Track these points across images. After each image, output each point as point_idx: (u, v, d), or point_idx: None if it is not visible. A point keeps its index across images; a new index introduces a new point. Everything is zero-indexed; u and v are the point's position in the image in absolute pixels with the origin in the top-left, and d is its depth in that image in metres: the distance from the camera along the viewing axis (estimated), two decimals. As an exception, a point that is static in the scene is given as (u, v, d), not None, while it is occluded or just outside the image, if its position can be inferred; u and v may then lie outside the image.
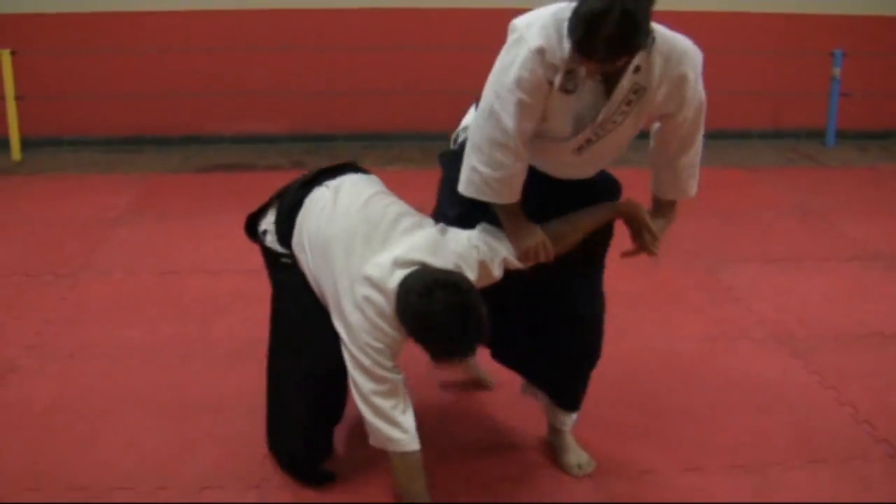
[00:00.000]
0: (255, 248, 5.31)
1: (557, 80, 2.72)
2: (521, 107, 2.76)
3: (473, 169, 2.90)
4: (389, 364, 2.89)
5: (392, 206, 3.12)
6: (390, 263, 2.89)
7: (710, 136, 8.09)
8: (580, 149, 2.92)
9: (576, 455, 3.37)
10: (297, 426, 3.20)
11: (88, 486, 3.24)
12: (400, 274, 2.86)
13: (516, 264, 3.01)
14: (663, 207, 3.23)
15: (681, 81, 2.82)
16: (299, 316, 3.18)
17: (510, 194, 2.93)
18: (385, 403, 2.89)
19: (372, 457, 3.14)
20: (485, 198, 2.93)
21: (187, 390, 3.85)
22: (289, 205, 3.26)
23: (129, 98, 7.61)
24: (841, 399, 3.91)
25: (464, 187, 2.95)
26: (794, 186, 6.86)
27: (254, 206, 6.02)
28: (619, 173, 3.25)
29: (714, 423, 3.67)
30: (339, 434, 3.35)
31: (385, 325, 2.86)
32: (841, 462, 3.49)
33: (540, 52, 2.69)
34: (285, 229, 3.24)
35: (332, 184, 3.22)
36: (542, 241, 2.99)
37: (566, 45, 2.65)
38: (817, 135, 8.23)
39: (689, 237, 5.63)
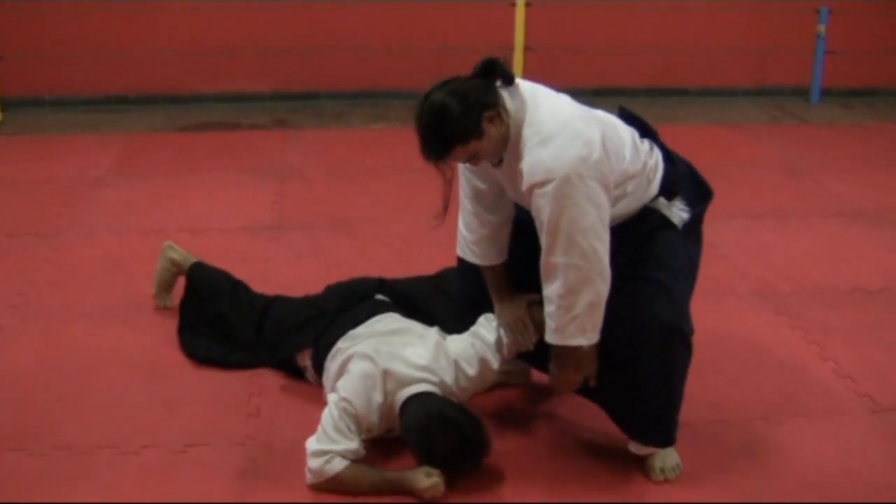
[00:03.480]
0: (240, 206, 5.34)
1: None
2: (461, 172, 3.12)
3: (460, 232, 3.23)
4: (351, 433, 3.00)
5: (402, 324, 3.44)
6: (391, 356, 3.17)
7: (696, 93, 8.16)
8: None
9: (660, 458, 3.15)
10: None
11: (72, 445, 3.24)
12: (401, 368, 3.13)
13: (509, 348, 3.23)
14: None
15: (531, 189, 2.79)
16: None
17: (488, 256, 3.19)
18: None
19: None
20: (470, 259, 3.21)
21: (171, 349, 3.84)
22: (322, 351, 3.47)
23: (112, 57, 7.54)
24: (824, 354, 3.93)
25: (458, 248, 3.27)
26: (778, 144, 6.85)
27: (238, 165, 6.05)
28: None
29: (699, 379, 3.66)
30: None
31: (366, 401, 3.06)
32: (823, 417, 3.51)
33: None
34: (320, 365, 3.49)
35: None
36: (521, 315, 3.16)
37: None
38: (802, 92, 8.22)
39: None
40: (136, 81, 7.67)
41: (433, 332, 3.36)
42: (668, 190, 3.05)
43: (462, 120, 2.74)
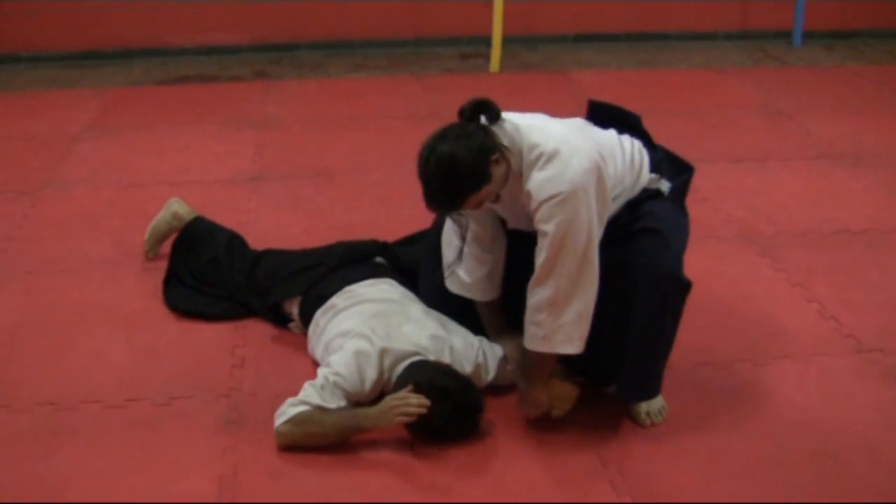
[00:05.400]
0: (220, 158, 5.31)
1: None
2: (455, 222, 3.09)
3: (454, 274, 3.21)
4: (335, 398, 2.99)
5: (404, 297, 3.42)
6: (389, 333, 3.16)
7: (677, 37, 8.11)
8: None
9: (646, 402, 3.15)
10: None
11: (57, 400, 3.23)
12: (398, 345, 3.12)
13: (505, 376, 3.25)
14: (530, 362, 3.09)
15: (540, 205, 2.81)
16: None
17: (488, 293, 3.21)
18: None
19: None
20: (465, 295, 3.22)
21: (154, 302, 3.83)
22: (312, 301, 3.48)
23: (88, 12, 7.45)
24: (807, 296, 3.94)
25: (448, 283, 3.25)
26: (761, 87, 6.83)
27: (217, 117, 6.00)
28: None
29: (683, 322, 3.65)
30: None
31: (358, 377, 3.05)
32: (808, 358, 3.52)
33: None
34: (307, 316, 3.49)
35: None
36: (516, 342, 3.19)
37: None
38: (784, 35, 8.18)
39: (656, 138, 5.60)
40: (113, 35, 7.58)
41: (434, 317, 3.31)
42: (656, 171, 3.11)
43: (473, 169, 2.73)
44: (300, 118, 6.07)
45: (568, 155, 2.78)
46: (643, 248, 2.96)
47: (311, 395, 2.97)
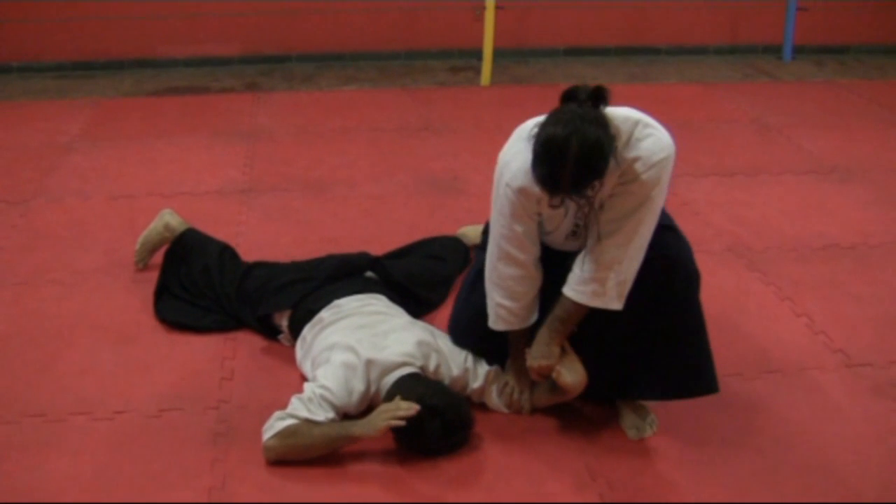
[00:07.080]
0: (210, 170, 5.31)
1: (544, 203, 2.86)
2: (525, 236, 2.97)
3: (499, 305, 3.11)
4: (322, 411, 2.98)
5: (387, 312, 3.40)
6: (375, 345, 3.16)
7: (667, 51, 8.12)
8: (574, 234, 3.01)
9: (637, 416, 3.19)
10: None
11: (46, 411, 3.22)
12: (384, 355, 3.11)
13: (491, 400, 3.25)
14: (551, 325, 3.05)
15: (651, 167, 2.80)
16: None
17: (531, 316, 3.12)
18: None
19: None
20: (513, 327, 3.14)
21: (143, 314, 3.82)
22: (302, 315, 3.47)
23: (80, 23, 7.44)
24: (797, 310, 3.94)
25: (493, 323, 3.15)
26: (751, 101, 6.85)
27: (208, 128, 6.00)
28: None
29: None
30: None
31: (346, 389, 3.04)
32: (797, 372, 3.53)
33: (522, 191, 2.87)
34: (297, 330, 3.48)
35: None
36: (527, 384, 3.23)
37: None
38: (774, 50, 8.22)
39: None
40: (105, 46, 7.58)
41: (420, 325, 3.33)
42: None
43: (609, 154, 2.67)
44: (291, 130, 6.06)
45: (654, 123, 2.84)
46: (664, 243, 2.99)
47: (298, 408, 2.96)
